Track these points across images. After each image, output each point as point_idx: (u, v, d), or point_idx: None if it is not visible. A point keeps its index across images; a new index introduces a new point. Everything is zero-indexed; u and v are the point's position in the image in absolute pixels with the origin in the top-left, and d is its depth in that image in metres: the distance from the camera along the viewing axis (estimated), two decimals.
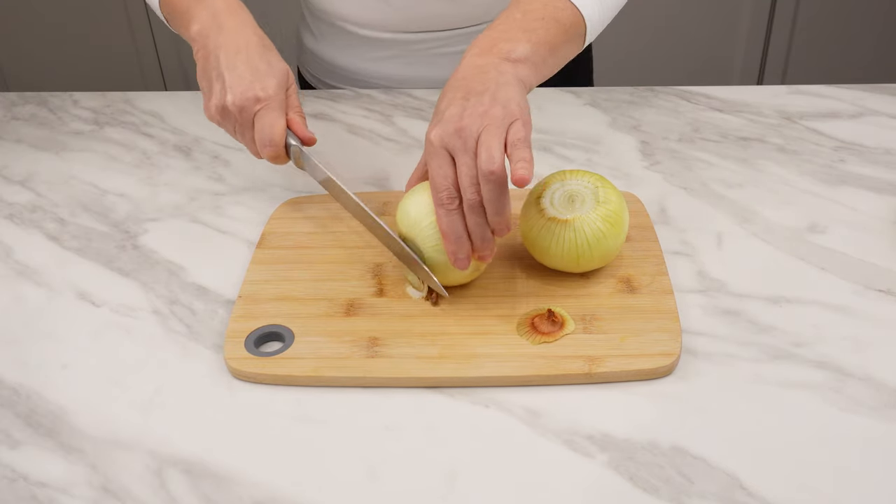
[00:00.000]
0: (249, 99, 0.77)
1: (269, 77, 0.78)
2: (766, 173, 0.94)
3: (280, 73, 0.79)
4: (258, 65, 0.78)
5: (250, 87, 0.77)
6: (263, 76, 0.78)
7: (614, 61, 2.17)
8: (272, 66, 0.79)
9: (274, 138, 0.77)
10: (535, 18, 0.76)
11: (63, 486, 0.63)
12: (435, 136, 0.70)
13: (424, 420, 0.67)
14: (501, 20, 0.77)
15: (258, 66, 0.78)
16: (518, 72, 0.73)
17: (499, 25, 0.77)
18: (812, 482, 0.61)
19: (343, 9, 1.05)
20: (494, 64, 0.73)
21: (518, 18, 0.76)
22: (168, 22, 0.89)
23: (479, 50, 0.74)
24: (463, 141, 0.68)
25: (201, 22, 0.81)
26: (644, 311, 0.74)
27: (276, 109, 0.77)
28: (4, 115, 1.10)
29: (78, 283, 0.82)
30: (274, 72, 0.79)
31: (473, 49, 0.75)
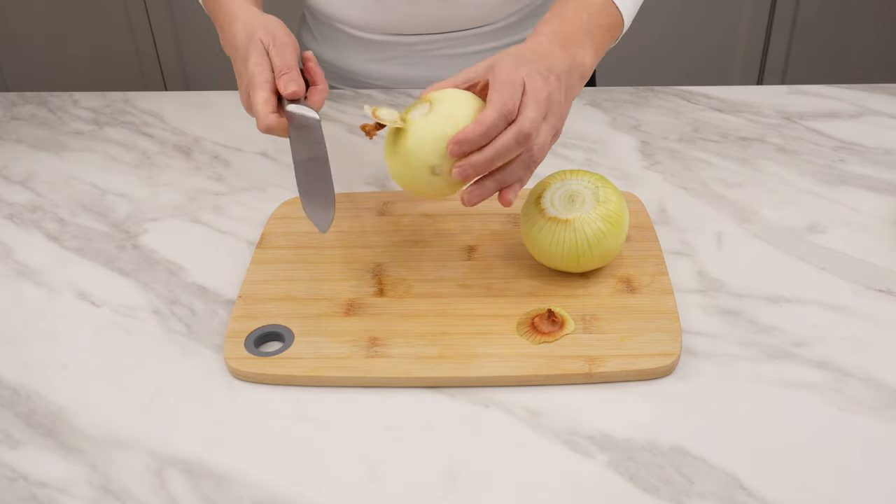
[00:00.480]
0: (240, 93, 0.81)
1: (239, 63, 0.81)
2: (766, 173, 0.94)
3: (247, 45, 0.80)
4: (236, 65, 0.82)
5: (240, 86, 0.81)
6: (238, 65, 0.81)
7: (615, 61, 2.16)
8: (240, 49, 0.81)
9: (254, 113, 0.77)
10: (596, 24, 0.79)
11: (63, 486, 0.63)
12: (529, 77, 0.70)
13: (424, 420, 0.67)
14: (570, 14, 0.78)
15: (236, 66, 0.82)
16: (577, 90, 0.77)
17: (571, 18, 0.78)
18: (812, 482, 0.61)
19: (342, 11, 1.05)
20: (573, 70, 0.75)
21: (584, 19, 0.78)
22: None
23: (560, 40, 0.75)
24: (545, 108, 0.70)
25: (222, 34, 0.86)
26: (644, 311, 0.74)
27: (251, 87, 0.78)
28: (4, 115, 1.10)
29: (78, 283, 0.82)
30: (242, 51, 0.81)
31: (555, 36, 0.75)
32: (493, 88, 0.69)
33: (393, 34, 1.05)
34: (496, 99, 0.68)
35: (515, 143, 0.68)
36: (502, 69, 0.70)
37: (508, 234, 0.84)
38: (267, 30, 0.81)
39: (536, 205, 0.76)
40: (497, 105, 0.67)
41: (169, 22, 2.28)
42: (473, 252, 0.82)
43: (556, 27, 0.77)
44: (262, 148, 1.01)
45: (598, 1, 0.81)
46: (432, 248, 0.83)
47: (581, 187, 0.76)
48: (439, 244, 0.83)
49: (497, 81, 0.69)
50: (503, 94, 0.68)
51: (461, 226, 0.85)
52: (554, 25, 0.77)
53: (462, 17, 1.03)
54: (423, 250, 0.82)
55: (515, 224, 0.85)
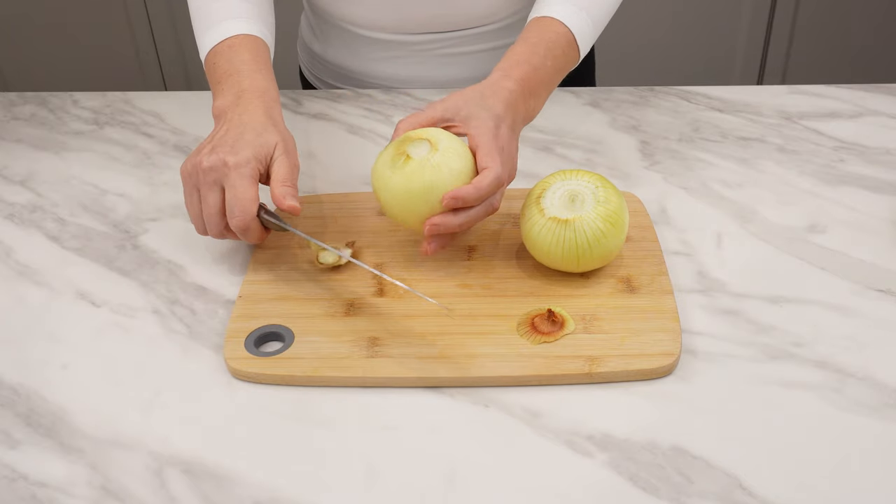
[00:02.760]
0: (218, 161, 0.76)
1: (247, 148, 0.76)
2: (766, 173, 0.94)
3: (264, 144, 0.77)
4: (246, 137, 0.77)
5: (224, 153, 0.76)
6: (243, 146, 0.77)
7: (614, 61, 2.16)
8: (259, 138, 0.78)
9: (243, 206, 0.75)
10: (556, 70, 0.85)
11: (63, 486, 0.63)
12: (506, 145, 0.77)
13: (424, 420, 0.67)
14: (538, 61, 0.83)
15: (245, 137, 0.77)
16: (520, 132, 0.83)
17: (539, 67, 0.83)
18: (812, 482, 0.61)
19: (345, 10, 1.05)
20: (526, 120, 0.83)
21: (549, 67, 0.84)
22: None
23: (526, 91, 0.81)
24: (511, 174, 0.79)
25: (225, 99, 0.82)
26: (644, 311, 0.74)
27: (245, 177, 0.75)
28: (4, 115, 1.10)
29: (78, 283, 0.82)
30: (258, 142, 0.77)
31: (523, 85, 0.81)
32: (483, 153, 0.75)
33: (398, 33, 1.05)
34: (492, 167, 0.74)
35: (484, 213, 0.75)
36: (485, 132, 0.76)
37: (508, 234, 0.84)
38: (285, 139, 0.79)
39: (536, 205, 0.76)
40: (493, 174, 0.74)
41: (169, 22, 2.28)
42: (473, 252, 0.82)
43: (526, 75, 0.82)
44: None
45: (563, 44, 0.85)
46: None
47: (581, 187, 0.76)
48: None
49: (485, 147, 0.75)
50: (495, 162, 0.74)
51: None
52: (525, 72, 0.82)
53: (467, 16, 1.03)
54: None
55: (515, 224, 0.85)
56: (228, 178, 0.75)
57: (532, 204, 0.77)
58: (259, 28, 0.88)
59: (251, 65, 0.84)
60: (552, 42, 0.85)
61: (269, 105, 0.81)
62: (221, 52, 0.86)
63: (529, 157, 0.97)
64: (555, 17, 0.86)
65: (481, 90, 0.79)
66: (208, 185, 0.76)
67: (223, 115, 0.81)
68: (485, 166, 0.74)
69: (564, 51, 0.85)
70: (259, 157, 0.77)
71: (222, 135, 0.78)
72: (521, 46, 0.84)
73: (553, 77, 0.85)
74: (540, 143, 0.99)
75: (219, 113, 0.82)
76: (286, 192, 0.76)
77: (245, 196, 0.75)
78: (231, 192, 0.75)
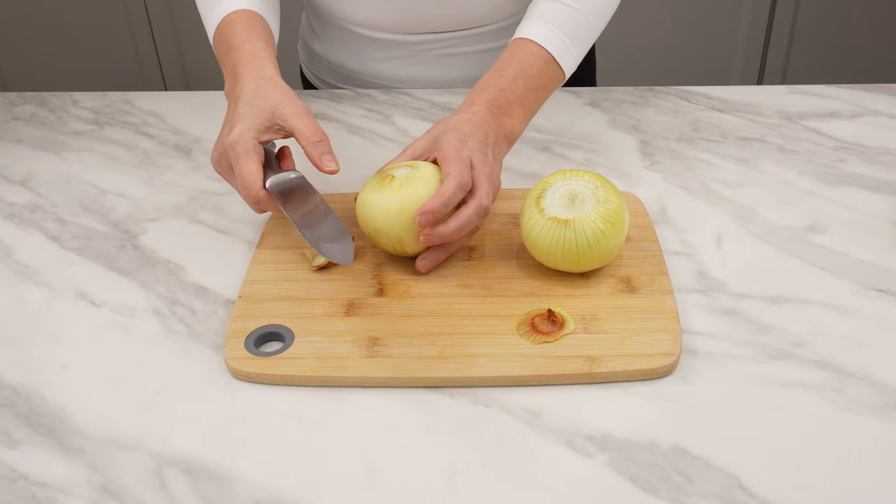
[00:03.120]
0: (221, 146, 0.79)
1: (239, 122, 0.77)
2: (766, 173, 0.94)
3: (258, 112, 0.78)
4: (240, 111, 0.78)
5: (220, 140, 0.79)
6: (236, 122, 0.77)
7: (615, 61, 2.17)
8: (253, 106, 0.78)
9: (244, 181, 0.76)
10: (530, 88, 0.86)
11: (63, 486, 0.63)
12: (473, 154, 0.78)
13: (424, 420, 0.67)
14: (506, 82, 0.84)
15: (239, 112, 0.78)
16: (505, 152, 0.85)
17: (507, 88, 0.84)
18: (812, 482, 0.61)
19: (347, 10, 1.05)
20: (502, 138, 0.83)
21: (520, 86, 0.85)
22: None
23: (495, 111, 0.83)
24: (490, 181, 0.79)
25: (228, 80, 0.84)
26: (644, 311, 0.74)
27: (241, 154, 0.76)
28: (4, 115, 1.10)
29: (78, 283, 0.82)
30: (249, 111, 0.78)
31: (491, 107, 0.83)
32: (446, 163, 0.77)
33: (398, 32, 1.05)
34: (453, 173, 0.76)
35: (476, 216, 0.76)
36: (449, 146, 0.78)
37: (508, 234, 0.84)
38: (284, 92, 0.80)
39: (536, 205, 0.76)
40: (454, 178, 0.75)
41: (169, 22, 2.28)
42: (473, 252, 0.82)
43: (493, 97, 0.84)
44: None
45: (539, 63, 0.86)
46: None
47: (581, 187, 0.76)
48: None
49: (448, 157, 0.77)
50: (456, 168, 0.76)
51: None
52: (491, 95, 0.84)
53: (467, 16, 1.04)
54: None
55: (515, 224, 0.85)
56: (231, 160, 0.77)
57: (532, 204, 0.77)
58: (256, 4, 0.89)
59: (242, 36, 0.85)
60: (524, 62, 0.86)
61: (260, 68, 0.81)
62: (220, 33, 0.87)
63: (529, 157, 0.97)
64: (529, 38, 0.87)
65: (450, 119, 0.82)
66: (226, 170, 0.80)
67: (230, 97, 0.82)
68: (447, 174, 0.76)
69: (541, 69, 0.86)
70: (253, 126, 0.77)
71: (227, 118, 0.80)
72: (488, 73, 0.86)
73: (528, 95, 0.85)
74: (540, 143, 0.99)
75: (227, 97, 0.84)
76: (322, 153, 0.77)
77: (243, 174, 0.76)
78: (236, 173, 0.77)
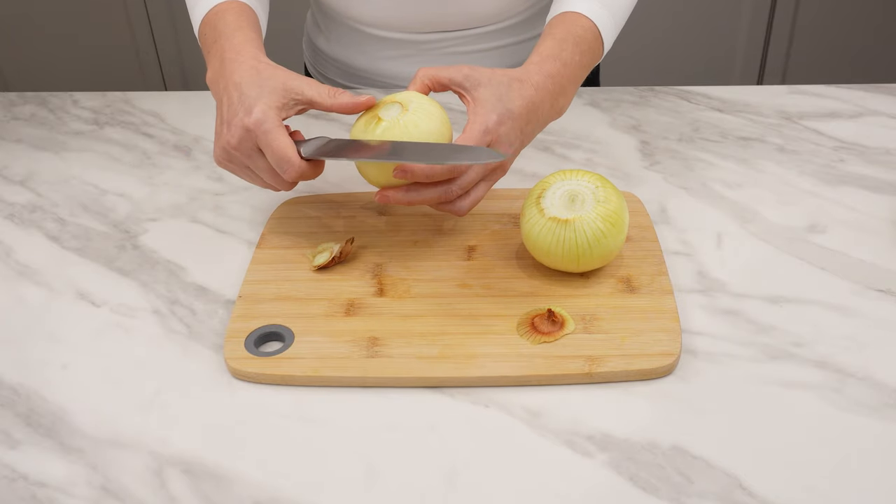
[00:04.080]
0: (239, 130, 0.75)
1: (257, 101, 0.75)
2: (766, 173, 0.94)
3: (270, 91, 0.76)
4: (249, 93, 0.76)
5: (239, 122, 0.75)
6: (252, 102, 0.75)
7: (615, 61, 2.17)
8: (261, 87, 0.76)
9: (283, 155, 0.74)
10: (583, 66, 0.83)
11: (63, 486, 0.63)
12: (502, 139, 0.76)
13: (424, 420, 0.67)
14: (567, 56, 0.81)
15: (249, 94, 0.76)
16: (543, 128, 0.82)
17: (568, 62, 0.81)
18: (812, 482, 0.61)
19: (354, 9, 1.05)
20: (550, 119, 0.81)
21: (576, 62, 0.82)
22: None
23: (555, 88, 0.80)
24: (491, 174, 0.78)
25: (213, 68, 0.81)
26: (644, 311, 0.74)
27: (271, 131, 0.74)
28: (4, 115, 1.10)
29: (78, 283, 0.82)
30: (262, 92, 0.76)
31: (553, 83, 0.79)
32: (462, 140, 0.74)
33: (405, 31, 1.05)
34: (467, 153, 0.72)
35: (437, 198, 0.75)
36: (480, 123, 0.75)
37: (508, 234, 0.84)
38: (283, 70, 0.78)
39: (536, 205, 0.76)
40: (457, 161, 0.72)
41: (169, 22, 2.28)
42: (473, 252, 0.82)
43: (557, 72, 0.80)
44: None
45: (590, 39, 0.84)
46: (432, 248, 0.83)
47: (581, 187, 0.76)
48: (439, 244, 0.83)
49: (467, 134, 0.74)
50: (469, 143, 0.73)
51: (461, 226, 0.85)
52: (555, 69, 0.80)
53: (473, 15, 1.04)
54: (423, 250, 0.82)
55: (515, 224, 0.85)
56: (259, 140, 0.75)
57: (532, 204, 0.77)
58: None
59: (232, 25, 0.83)
60: (579, 37, 0.83)
61: (253, 55, 0.80)
62: (208, 21, 0.86)
63: (529, 156, 0.97)
64: (580, 11, 0.84)
65: (509, 81, 0.77)
66: (248, 155, 0.76)
67: (216, 85, 0.80)
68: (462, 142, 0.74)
69: (591, 45, 0.84)
70: (273, 104, 0.76)
71: (227, 107, 0.77)
72: (550, 41, 0.82)
73: (580, 73, 0.83)
74: (540, 143, 0.99)
75: (211, 83, 0.81)
76: (349, 96, 0.76)
77: (280, 149, 0.74)
78: (268, 152, 0.75)
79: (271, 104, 0.75)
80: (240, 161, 0.77)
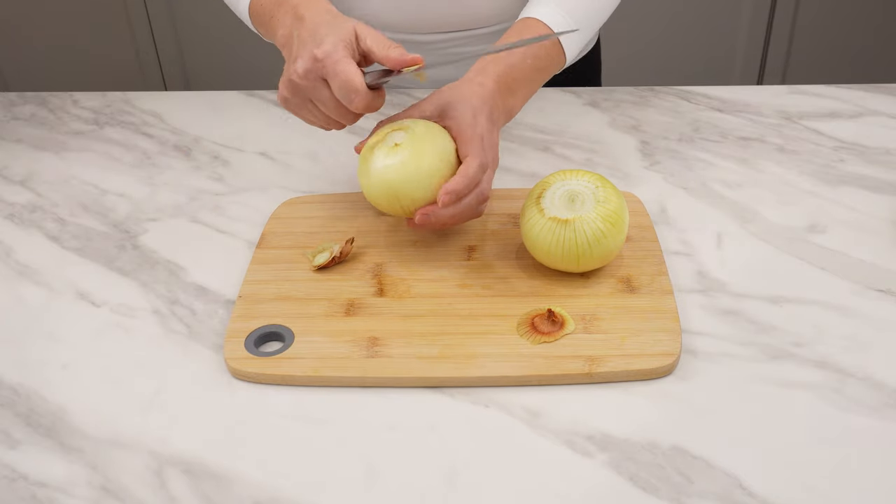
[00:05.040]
0: (308, 60, 0.76)
1: (327, 36, 0.76)
2: (766, 173, 0.94)
3: (341, 30, 0.77)
4: (321, 30, 0.77)
5: (308, 52, 0.76)
6: (321, 38, 0.76)
7: (615, 61, 2.17)
8: (333, 27, 0.77)
9: (351, 83, 0.75)
10: (536, 69, 0.86)
11: (63, 486, 0.63)
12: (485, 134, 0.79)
13: (424, 420, 0.67)
14: (516, 60, 0.84)
15: (320, 31, 0.77)
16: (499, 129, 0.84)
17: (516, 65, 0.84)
18: (812, 482, 0.61)
19: (356, 9, 1.05)
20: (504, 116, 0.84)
21: (528, 66, 0.85)
22: (260, 33, 0.91)
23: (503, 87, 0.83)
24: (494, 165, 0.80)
25: (285, 25, 0.82)
26: (644, 311, 0.74)
27: (341, 60, 0.75)
28: (4, 115, 1.10)
29: (78, 283, 0.82)
30: (333, 31, 0.77)
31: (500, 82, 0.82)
32: (464, 142, 0.77)
33: (407, 32, 1.05)
34: (474, 152, 0.76)
35: (477, 203, 0.77)
36: (464, 121, 0.78)
37: (508, 234, 0.84)
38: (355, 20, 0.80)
39: (536, 205, 0.76)
40: (477, 158, 0.76)
41: (169, 22, 2.28)
42: (473, 252, 0.82)
43: (502, 72, 0.83)
44: (262, 148, 1.01)
45: (547, 45, 0.87)
46: (432, 248, 0.83)
47: (581, 187, 0.76)
48: (439, 244, 0.83)
49: (465, 135, 0.78)
50: (476, 148, 0.77)
51: (461, 226, 0.85)
52: (500, 70, 0.83)
53: (475, 16, 1.04)
54: (423, 250, 0.82)
55: (515, 224, 0.85)
56: (327, 70, 0.75)
57: (532, 204, 0.77)
58: None
59: None
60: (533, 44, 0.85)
61: (326, 8, 0.81)
62: None
63: (529, 156, 0.97)
64: (538, 18, 0.87)
65: (458, 86, 0.82)
66: (313, 86, 0.77)
67: (290, 37, 0.81)
68: (466, 154, 0.77)
69: (547, 51, 0.86)
70: (343, 40, 0.76)
71: (298, 44, 0.78)
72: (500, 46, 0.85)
73: (533, 76, 0.86)
74: (540, 143, 0.99)
75: (284, 40, 0.82)
76: (399, 52, 0.77)
77: (350, 78, 0.75)
78: (336, 82, 0.75)
79: (341, 38, 0.76)
80: (304, 94, 0.78)
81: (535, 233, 0.76)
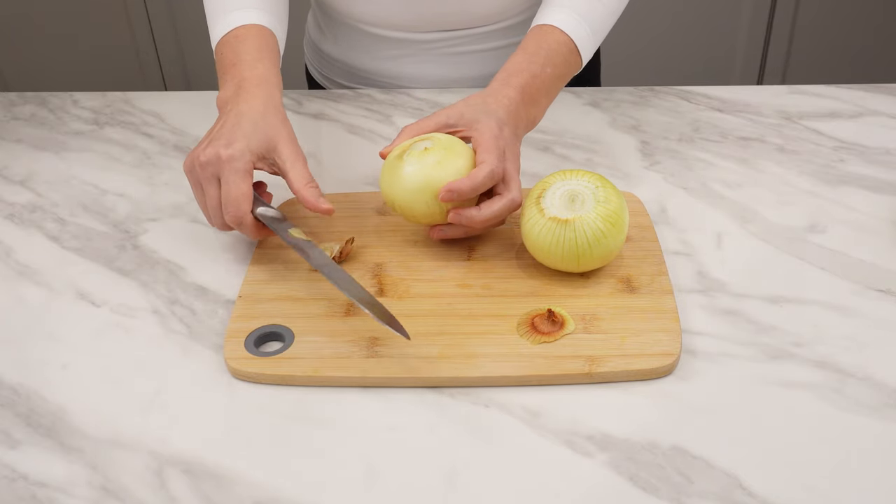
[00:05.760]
0: (212, 155, 0.76)
1: (242, 139, 0.76)
2: (766, 173, 0.94)
3: (262, 136, 0.77)
4: (243, 127, 0.77)
5: (219, 146, 0.76)
6: (238, 138, 0.76)
7: (615, 61, 2.17)
8: (257, 127, 0.77)
9: (235, 201, 0.75)
10: (556, 77, 0.86)
11: (63, 486, 0.63)
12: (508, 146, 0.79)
13: (424, 420, 0.67)
14: (537, 69, 0.84)
15: (242, 128, 0.77)
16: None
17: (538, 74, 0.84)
18: (812, 482, 0.61)
19: (354, 8, 1.05)
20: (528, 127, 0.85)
21: (548, 74, 0.85)
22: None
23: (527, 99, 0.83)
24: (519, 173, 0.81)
25: (227, 90, 0.82)
26: (644, 311, 0.74)
27: (237, 171, 0.75)
28: (4, 115, 1.10)
29: (78, 283, 0.82)
30: (254, 133, 0.77)
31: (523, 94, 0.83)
32: (483, 150, 0.77)
33: (407, 31, 1.05)
34: (488, 161, 0.77)
35: (508, 209, 0.78)
36: (488, 132, 0.78)
37: (508, 234, 0.84)
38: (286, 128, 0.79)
39: (536, 205, 0.76)
40: (488, 167, 0.76)
41: (169, 22, 2.28)
42: (473, 252, 0.82)
43: (525, 83, 0.83)
44: None
45: (565, 51, 0.86)
46: (432, 248, 0.83)
47: (581, 187, 0.76)
48: (439, 244, 0.83)
49: (486, 145, 0.78)
50: (492, 157, 0.77)
51: None
52: (524, 80, 0.83)
53: (476, 14, 1.04)
54: (423, 250, 0.82)
55: (515, 224, 0.85)
56: (223, 173, 0.76)
57: (532, 204, 0.77)
58: (268, 19, 0.88)
59: (254, 54, 0.84)
60: (552, 50, 0.85)
61: (270, 93, 0.81)
62: (228, 42, 0.86)
63: (529, 157, 0.97)
64: (555, 24, 0.87)
65: (484, 97, 0.82)
66: (207, 178, 0.77)
67: (224, 107, 0.81)
68: (481, 161, 0.77)
69: (566, 58, 0.86)
70: (255, 149, 0.77)
71: (219, 128, 0.78)
72: (520, 55, 0.85)
73: (553, 84, 0.86)
74: (540, 143, 0.99)
75: (221, 105, 0.82)
76: (318, 195, 0.77)
77: (236, 192, 0.76)
78: (224, 188, 0.76)
79: (253, 148, 0.77)
80: (198, 179, 0.78)
81: (535, 233, 0.76)
